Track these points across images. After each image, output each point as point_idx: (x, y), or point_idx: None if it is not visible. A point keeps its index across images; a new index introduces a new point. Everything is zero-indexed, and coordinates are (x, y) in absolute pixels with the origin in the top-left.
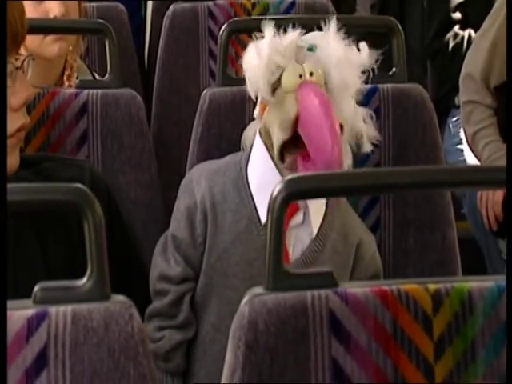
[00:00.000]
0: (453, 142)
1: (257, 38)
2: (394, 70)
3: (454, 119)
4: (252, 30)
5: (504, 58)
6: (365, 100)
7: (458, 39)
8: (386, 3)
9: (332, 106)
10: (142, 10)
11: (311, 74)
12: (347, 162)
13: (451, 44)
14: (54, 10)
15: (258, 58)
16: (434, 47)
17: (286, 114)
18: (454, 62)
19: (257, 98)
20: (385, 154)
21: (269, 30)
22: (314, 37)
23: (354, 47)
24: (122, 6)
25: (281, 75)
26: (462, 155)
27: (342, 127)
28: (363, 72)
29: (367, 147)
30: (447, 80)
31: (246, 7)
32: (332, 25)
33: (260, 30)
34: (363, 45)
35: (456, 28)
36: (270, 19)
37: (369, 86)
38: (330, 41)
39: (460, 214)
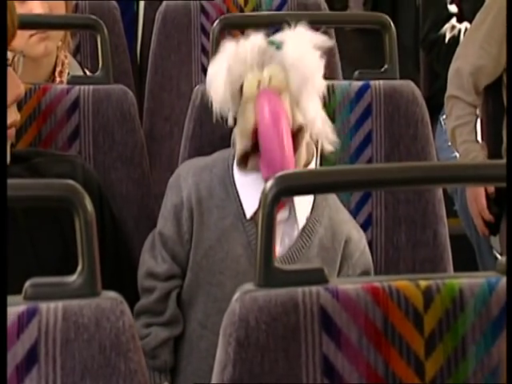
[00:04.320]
0: (445, 138)
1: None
2: (385, 66)
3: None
4: (244, 26)
5: (495, 56)
6: (356, 96)
7: (455, 31)
8: (379, 0)
9: (284, 115)
10: (134, 6)
11: (270, 80)
12: (312, 164)
13: (448, 36)
14: (37, 9)
15: (220, 71)
16: (430, 39)
17: (246, 124)
18: (450, 55)
19: None
20: (377, 150)
21: (229, 43)
22: (282, 35)
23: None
24: (114, 3)
25: (243, 84)
26: (454, 151)
27: (302, 128)
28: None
29: (328, 149)
30: (441, 73)
31: (239, 3)
32: (300, 23)
33: (252, 26)
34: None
35: (453, 20)
36: (262, 15)
37: (361, 82)
38: (294, 38)
39: (452, 211)
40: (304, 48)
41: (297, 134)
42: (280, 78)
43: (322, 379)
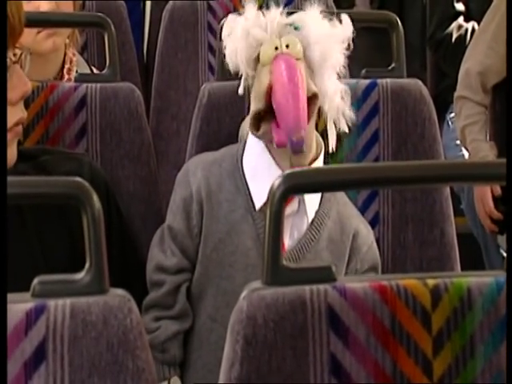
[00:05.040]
0: (452, 136)
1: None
2: (393, 64)
3: (453, 115)
4: None
5: (503, 55)
6: (364, 95)
7: (462, 31)
8: None
9: (301, 76)
10: (141, 4)
11: (287, 46)
12: (319, 160)
13: (455, 35)
14: (43, 7)
15: (238, 32)
16: (437, 37)
17: (260, 85)
18: (456, 54)
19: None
20: (384, 148)
21: (250, 8)
22: (299, 16)
23: (338, 23)
24: (121, 1)
25: (259, 53)
26: (461, 150)
27: (315, 96)
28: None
29: (343, 126)
30: (448, 72)
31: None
32: (316, 4)
33: None
34: (345, 17)
35: (460, 19)
36: None
37: (368, 80)
38: (312, 17)
39: (459, 210)
40: (325, 28)
41: (310, 101)
42: (297, 49)
43: (329, 378)
